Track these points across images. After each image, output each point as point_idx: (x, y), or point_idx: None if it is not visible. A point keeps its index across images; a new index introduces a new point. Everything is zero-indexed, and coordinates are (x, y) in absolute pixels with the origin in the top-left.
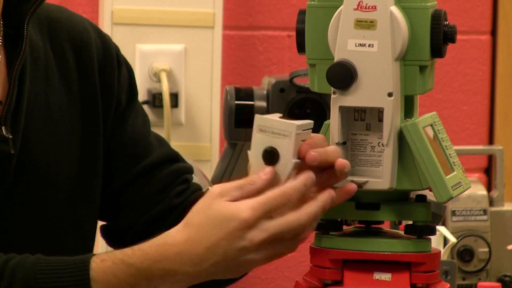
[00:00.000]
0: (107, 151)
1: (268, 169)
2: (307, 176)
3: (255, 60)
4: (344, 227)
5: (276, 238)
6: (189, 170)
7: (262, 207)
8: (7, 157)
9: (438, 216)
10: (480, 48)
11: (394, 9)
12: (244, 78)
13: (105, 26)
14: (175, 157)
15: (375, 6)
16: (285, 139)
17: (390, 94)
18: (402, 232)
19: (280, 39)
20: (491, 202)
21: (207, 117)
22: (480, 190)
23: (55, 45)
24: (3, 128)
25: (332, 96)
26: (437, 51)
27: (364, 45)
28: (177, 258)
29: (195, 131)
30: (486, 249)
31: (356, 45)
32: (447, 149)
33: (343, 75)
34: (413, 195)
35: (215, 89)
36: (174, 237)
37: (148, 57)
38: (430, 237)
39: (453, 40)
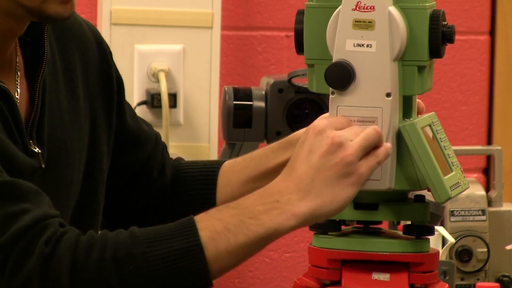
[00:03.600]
0: (116, 145)
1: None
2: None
3: (254, 60)
4: (343, 227)
5: (351, 134)
6: (160, 136)
7: (327, 119)
8: (36, 172)
9: (436, 216)
10: (479, 49)
11: (393, 9)
12: (242, 79)
13: (104, 27)
14: (153, 129)
15: (373, 7)
16: (372, 126)
17: (388, 95)
18: (400, 232)
19: (278, 40)
20: (490, 202)
21: (206, 117)
22: (478, 190)
23: (60, 44)
24: (30, 142)
25: (331, 96)
26: (435, 52)
27: (363, 45)
28: (276, 189)
29: (193, 131)
30: (485, 249)
31: (354, 45)
32: (445, 149)
33: (341, 76)
34: (411, 195)
35: (213, 89)
36: (276, 177)
37: (146, 58)
38: (429, 237)
39: (451, 41)
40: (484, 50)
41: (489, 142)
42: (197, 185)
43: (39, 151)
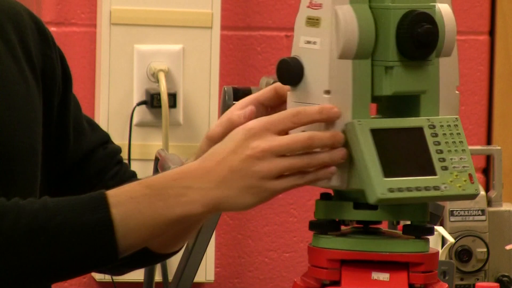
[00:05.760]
0: (54, 133)
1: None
2: (321, 107)
3: (253, 60)
4: (342, 227)
5: (280, 151)
6: (120, 151)
7: (266, 118)
8: None
9: (436, 216)
10: (478, 49)
11: (343, 8)
12: (242, 78)
13: (103, 27)
14: (107, 139)
15: (321, 4)
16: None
17: (326, 92)
18: (400, 232)
19: (278, 40)
20: (489, 202)
21: (205, 117)
22: None
23: None
24: None
25: (288, 92)
26: (407, 54)
27: (310, 42)
28: (191, 174)
29: (193, 131)
30: (484, 249)
31: (304, 42)
32: (439, 153)
33: (290, 72)
34: None
35: (213, 89)
36: (191, 162)
37: (146, 58)
38: (428, 237)
39: (428, 45)
40: (484, 50)
41: (489, 142)
42: None
43: None
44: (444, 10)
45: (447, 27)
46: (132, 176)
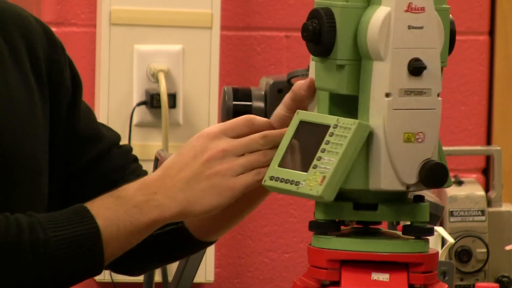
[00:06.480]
0: (62, 138)
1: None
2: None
3: (253, 60)
4: (342, 228)
5: (239, 150)
6: (132, 149)
7: (223, 124)
8: None
9: (436, 216)
10: (478, 49)
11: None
12: (242, 79)
13: (103, 27)
14: (120, 139)
15: None
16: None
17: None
18: (400, 233)
19: (278, 40)
20: (489, 203)
21: (205, 118)
22: (478, 191)
23: (4, 31)
24: None
25: None
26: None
27: None
28: (156, 183)
29: (193, 132)
30: (484, 250)
31: None
32: (325, 152)
33: None
34: (411, 195)
35: (213, 90)
36: (153, 172)
37: (146, 58)
38: (428, 237)
39: (310, 41)
40: (484, 50)
41: (489, 142)
42: None
43: None
44: (377, 13)
45: (372, 31)
46: (146, 174)
